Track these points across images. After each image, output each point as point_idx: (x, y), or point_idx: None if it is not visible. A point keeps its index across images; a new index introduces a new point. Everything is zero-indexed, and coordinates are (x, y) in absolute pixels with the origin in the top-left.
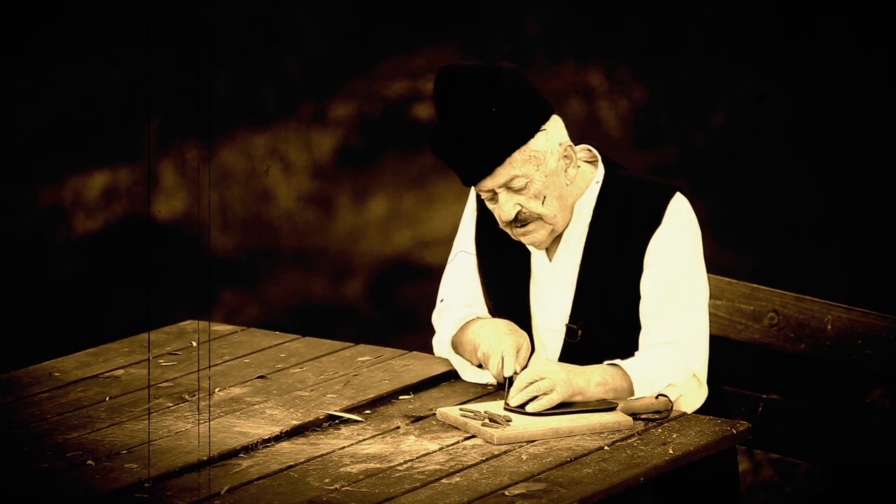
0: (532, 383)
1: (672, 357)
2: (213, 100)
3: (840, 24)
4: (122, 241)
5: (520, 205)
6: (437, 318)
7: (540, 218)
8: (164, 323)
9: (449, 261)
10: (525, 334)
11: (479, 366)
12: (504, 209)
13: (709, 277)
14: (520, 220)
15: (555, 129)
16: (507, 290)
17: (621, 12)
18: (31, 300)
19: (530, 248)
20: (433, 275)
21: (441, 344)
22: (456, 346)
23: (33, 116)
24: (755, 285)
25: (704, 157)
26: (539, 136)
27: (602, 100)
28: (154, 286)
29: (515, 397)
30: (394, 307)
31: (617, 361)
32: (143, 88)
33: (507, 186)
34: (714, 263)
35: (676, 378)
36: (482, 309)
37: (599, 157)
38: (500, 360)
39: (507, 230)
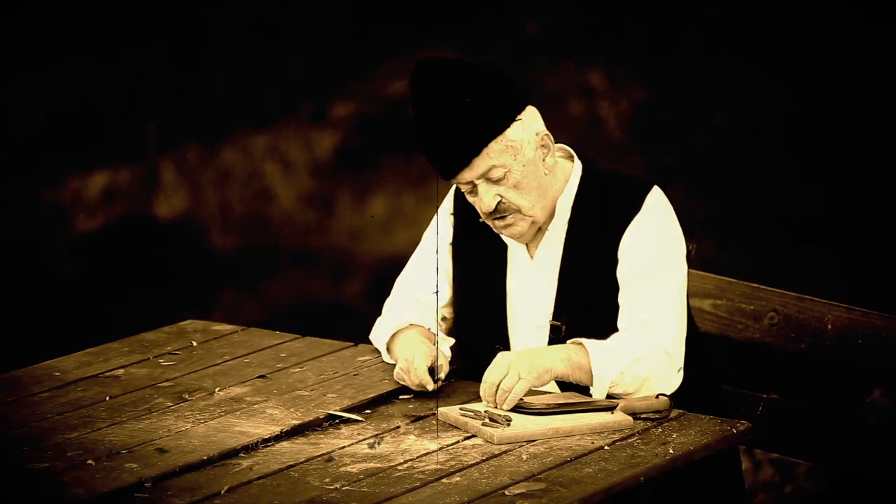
0: (498, 386)
1: (640, 335)
2: (213, 100)
3: (840, 24)
4: (122, 240)
5: (499, 195)
6: (385, 311)
7: (519, 210)
8: (164, 323)
9: (414, 254)
10: (429, 343)
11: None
12: (484, 200)
13: (709, 277)
14: (500, 212)
15: (531, 119)
16: (483, 290)
17: (621, 13)
18: (32, 300)
19: (511, 245)
20: None
21: (379, 347)
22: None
23: (34, 116)
24: (755, 285)
25: (704, 157)
26: (515, 125)
27: (602, 100)
28: (154, 286)
29: (498, 409)
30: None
31: (580, 340)
32: (143, 88)
33: (485, 178)
34: (714, 263)
35: (643, 352)
36: (429, 307)
37: (575, 154)
38: (417, 377)
39: (489, 222)
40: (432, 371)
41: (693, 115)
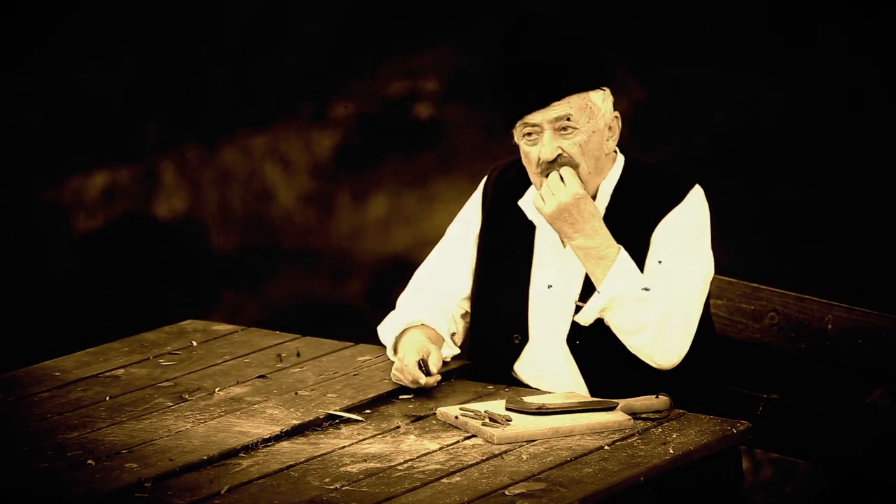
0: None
1: (663, 295)
2: (213, 100)
3: (839, 24)
4: (122, 240)
5: (561, 149)
6: (400, 302)
7: (576, 168)
8: (164, 323)
9: (436, 247)
10: (427, 342)
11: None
12: (546, 148)
13: None
14: (558, 164)
15: (610, 98)
16: (508, 273)
17: (621, 13)
18: (32, 300)
19: (541, 228)
20: None
21: (385, 343)
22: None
23: (34, 116)
24: (755, 285)
25: (704, 157)
26: (599, 92)
27: None
28: (154, 286)
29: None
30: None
31: (622, 249)
32: (143, 88)
33: (554, 125)
34: (714, 263)
35: (659, 303)
36: (449, 299)
37: (617, 149)
38: (409, 374)
39: (536, 178)
40: (422, 365)
41: (693, 115)
